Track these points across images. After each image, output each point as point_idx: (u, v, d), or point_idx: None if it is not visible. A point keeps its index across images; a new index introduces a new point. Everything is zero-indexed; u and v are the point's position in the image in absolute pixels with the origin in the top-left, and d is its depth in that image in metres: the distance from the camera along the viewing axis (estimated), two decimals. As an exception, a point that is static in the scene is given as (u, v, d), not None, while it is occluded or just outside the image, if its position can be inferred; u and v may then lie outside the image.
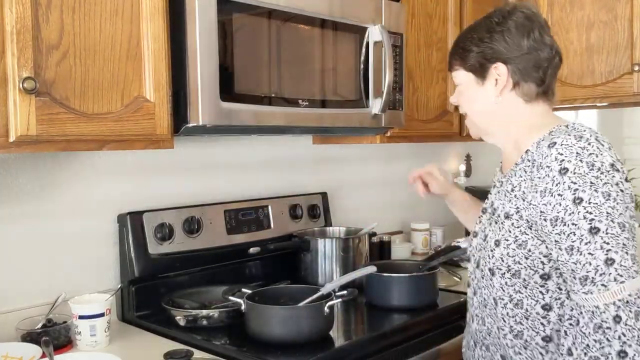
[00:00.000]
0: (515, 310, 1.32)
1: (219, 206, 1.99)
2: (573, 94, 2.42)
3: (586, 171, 1.19)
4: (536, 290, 1.29)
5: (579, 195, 1.18)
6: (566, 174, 1.19)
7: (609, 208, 1.17)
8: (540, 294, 1.29)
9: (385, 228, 2.65)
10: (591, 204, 1.17)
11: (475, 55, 1.37)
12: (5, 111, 1.25)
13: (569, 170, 1.19)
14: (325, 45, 1.80)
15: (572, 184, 1.19)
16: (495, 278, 1.34)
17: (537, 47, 1.33)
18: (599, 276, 1.16)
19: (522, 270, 1.29)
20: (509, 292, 1.32)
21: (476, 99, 1.40)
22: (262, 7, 1.61)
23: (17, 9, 1.24)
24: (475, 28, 1.39)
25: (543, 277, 1.28)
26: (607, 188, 1.18)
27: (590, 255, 1.17)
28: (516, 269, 1.30)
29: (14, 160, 1.64)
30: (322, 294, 1.62)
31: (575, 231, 1.18)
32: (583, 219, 1.17)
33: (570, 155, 1.20)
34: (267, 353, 1.49)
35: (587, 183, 1.18)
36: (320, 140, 2.39)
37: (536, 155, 1.27)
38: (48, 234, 1.70)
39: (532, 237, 1.27)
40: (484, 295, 1.39)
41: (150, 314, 1.78)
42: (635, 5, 2.28)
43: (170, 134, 1.52)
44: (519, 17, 1.34)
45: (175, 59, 1.51)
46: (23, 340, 1.52)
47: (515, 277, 1.30)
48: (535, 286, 1.29)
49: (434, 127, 2.35)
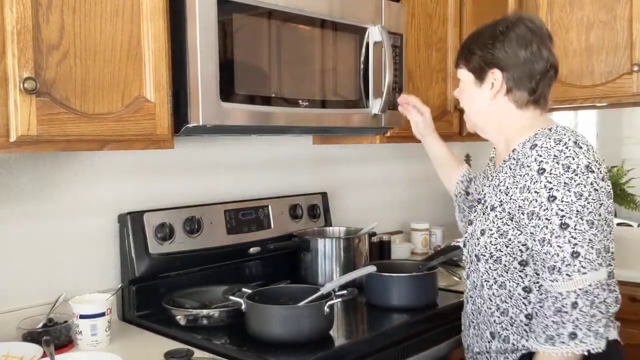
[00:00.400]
0: (500, 291, 1.46)
1: (219, 206, 1.99)
2: (572, 94, 2.43)
3: (561, 172, 1.32)
4: (516, 274, 1.43)
5: (553, 194, 1.31)
6: (543, 174, 1.33)
7: (579, 207, 1.30)
8: (520, 278, 1.43)
9: (385, 228, 2.66)
10: (563, 202, 1.31)
11: (477, 58, 1.48)
12: (6, 111, 1.26)
13: (546, 171, 1.33)
14: (325, 46, 1.81)
15: (547, 183, 1.32)
16: (480, 263, 1.49)
17: (534, 59, 1.43)
18: (565, 267, 1.30)
19: (503, 257, 1.43)
20: (493, 276, 1.47)
21: (474, 99, 1.53)
22: (262, 7, 1.62)
23: (17, 9, 1.24)
24: (482, 33, 1.50)
25: (521, 264, 1.42)
26: (580, 188, 1.31)
27: (559, 247, 1.30)
28: (497, 256, 1.44)
29: (15, 160, 1.64)
30: (322, 293, 1.62)
31: (548, 225, 1.32)
32: (555, 215, 1.31)
33: (548, 157, 1.33)
34: (267, 352, 1.49)
35: (561, 183, 1.31)
36: (320, 140, 2.39)
37: (520, 154, 1.41)
38: (49, 233, 1.71)
39: (513, 227, 1.41)
40: (473, 278, 1.54)
41: (150, 313, 1.78)
42: (635, 6, 2.28)
43: (171, 134, 1.52)
44: (522, 30, 1.44)
45: (175, 59, 1.51)
46: (24, 340, 1.53)
47: (497, 262, 1.44)
48: (515, 271, 1.43)
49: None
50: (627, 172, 3.52)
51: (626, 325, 1.55)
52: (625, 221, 3.51)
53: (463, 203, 1.84)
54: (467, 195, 1.83)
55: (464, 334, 1.62)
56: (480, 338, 1.53)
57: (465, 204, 1.83)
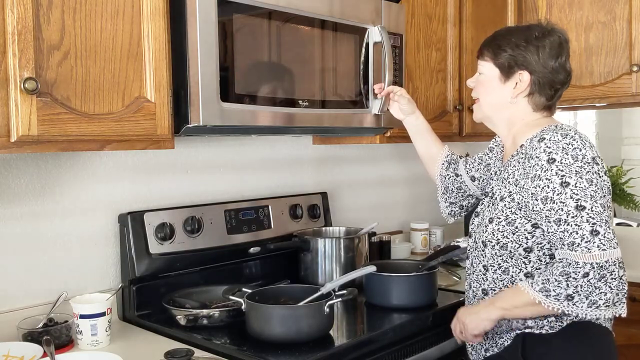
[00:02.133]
0: (502, 276, 1.55)
1: (219, 206, 1.99)
2: (572, 95, 2.43)
3: (571, 162, 1.39)
4: (520, 260, 1.51)
5: (566, 180, 1.38)
6: (553, 163, 1.40)
7: (592, 192, 1.37)
8: (523, 264, 1.51)
9: (385, 228, 2.66)
10: (577, 187, 1.37)
11: (508, 56, 1.54)
12: (7, 111, 1.26)
13: (556, 161, 1.40)
14: (325, 46, 1.81)
15: (559, 171, 1.39)
16: (487, 249, 1.56)
17: (559, 70, 1.53)
18: (585, 242, 1.36)
19: (509, 243, 1.51)
20: (498, 261, 1.55)
21: (494, 93, 1.59)
22: (262, 7, 1.62)
23: (18, 10, 1.24)
24: (515, 33, 1.56)
25: (526, 250, 1.50)
26: (590, 176, 1.38)
27: (577, 226, 1.37)
28: (504, 242, 1.52)
29: (16, 160, 1.65)
30: (322, 293, 1.63)
31: (563, 207, 1.38)
32: (570, 198, 1.37)
33: (557, 149, 1.41)
34: (267, 352, 1.49)
35: (572, 171, 1.38)
36: (320, 140, 2.39)
37: (528, 149, 1.48)
38: (49, 233, 1.71)
39: (521, 216, 1.48)
40: (474, 264, 1.63)
41: (151, 313, 1.78)
42: (634, 6, 2.29)
43: (171, 134, 1.53)
44: (555, 40, 1.53)
45: (175, 60, 1.51)
46: (24, 340, 1.53)
47: (503, 249, 1.52)
48: (519, 257, 1.51)
49: (433, 127, 2.33)
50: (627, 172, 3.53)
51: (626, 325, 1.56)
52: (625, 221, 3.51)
53: (452, 184, 1.90)
54: (456, 177, 1.89)
55: None
56: None
57: (455, 185, 1.90)
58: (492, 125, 1.65)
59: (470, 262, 1.67)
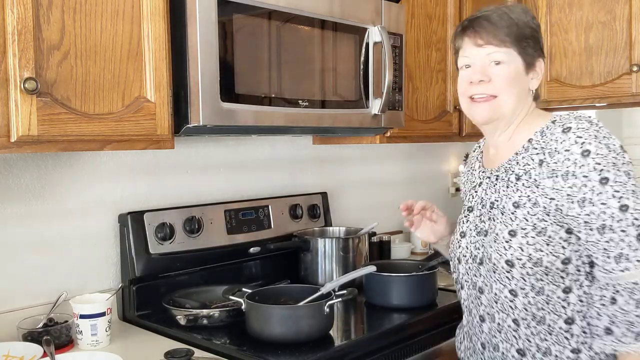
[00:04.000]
0: (536, 298, 1.31)
1: (219, 206, 1.99)
2: (572, 95, 2.43)
3: (606, 152, 1.22)
4: (557, 275, 1.29)
5: (605, 175, 1.21)
6: (589, 155, 1.22)
7: (631, 185, 1.21)
8: (560, 279, 1.30)
9: (385, 228, 2.66)
10: (617, 182, 1.20)
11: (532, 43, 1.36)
12: (7, 111, 1.26)
13: (592, 152, 1.22)
14: (325, 46, 1.81)
15: (596, 165, 1.21)
16: (514, 269, 1.31)
17: None
18: (633, 252, 1.20)
19: (544, 257, 1.28)
20: (531, 281, 1.30)
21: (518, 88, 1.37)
22: (262, 7, 1.62)
23: (18, 10, 1.24)
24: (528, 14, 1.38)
25: (564, 262, 1.29)
26: (626, 167, 1.22)
27: (623, 232, 1.20)
28: (538, 257, 1.28)
29: (16, 160, 1.65)
30: (322, 293, 1.63)
31: (606, 210, 1.21)
32: (612, 197, 1.20)
33: (589, 137, 1.23)
34: (267, 352, 1.49)
35: (610, 163, 1.21)
36: (320, 140, 2.39)
37: (544, 142, 1.30)
38: (49, 233, 1.71)
39: (551, 222, 1.27)
40: (495, 291, 1.36)
41: (151, 313, 1.78)
42: (634, 6, 2.28)
43: (171, 134, 1.53)
44: None
45: (175, 60, 1.51)
46: (24, 340, 1.53)
47: (537, 265, 1.29)
48: (556, 272, 1.29)
49: (433, 127, 2.36)
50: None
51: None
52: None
53: None
54: None
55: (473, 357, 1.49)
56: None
57: None
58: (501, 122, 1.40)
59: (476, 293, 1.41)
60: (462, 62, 1.41)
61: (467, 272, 1.44)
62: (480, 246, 1.40)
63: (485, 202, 1.41)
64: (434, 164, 3.04)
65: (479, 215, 1.42)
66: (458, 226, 1.50)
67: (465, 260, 1.44)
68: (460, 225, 1.48)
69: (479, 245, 1.40)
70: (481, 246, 1.39)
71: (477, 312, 1.43)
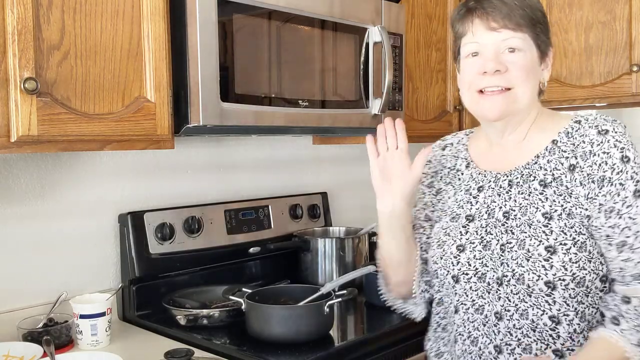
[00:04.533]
0: (582, 325, 1.16)
1: (219, 206, 1.99)
2: (572, 95, 2.43)
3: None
4: (596, 296, 1.16)
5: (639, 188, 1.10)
6: (628, 162, 1.11)
7: None
8: (599, 299, 1.16)
9: (384, 228, 2.65)
10: None
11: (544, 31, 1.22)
12: (7, 111, 1.26)
13: (631, 160, 1.12)
14: (325, 46, 1.81)
15: (634, 174, 1.11)
16: (557, 292, 1.13)
17: None
18: None
19: (587, 275, 1.13)
20: (573, 305, 1.15)
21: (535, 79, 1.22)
22: (262, 7, 1.62)
23: (18, 10, 1.24)
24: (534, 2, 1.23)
25: (602, 280, 1.16)
26: None
27: None
28: (581, 276, 1.13)
29: (16, 160, 1.65)
30: (322, 293, 1.63)
31: (632, 226, 1.11)
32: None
33: (627, 143, 1.13)
34: (267, 352, 1.49)
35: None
36: (320, 140, 2.39)
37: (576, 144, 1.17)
38: (49, 233, 1.71)
39: (588, 237, 1.14)
40: (532, 317, 1.17)
41: (151, 313, 1.78)
42: (634, 6, 2.28)
43: (171, 134, 1.53)
44: None
45: (175, 60, 1.51)
46: (24, 340, 1.53)
47: (579, 285, 1.13)
48: (596, 292, 1.16)
49: (433, 127, 2.36)
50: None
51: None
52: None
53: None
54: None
55: None
56: None
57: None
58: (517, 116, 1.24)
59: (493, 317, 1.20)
60: (470, 49, 1.22)
61: (467, 293, 1.24)
62: (496, 264, 1.20)
63: (492, 211, 1.24)
64: (434, 164, 3.04)
65: (485, 227, 1.23)
66: (445, 237, 1.28)
67: (467, 280, 1.23)
68: (452, 237, 1.26)
69: (490, 262, 1.21)
70: (498, 264, 1.19)
71: (489, 342, 1.22)
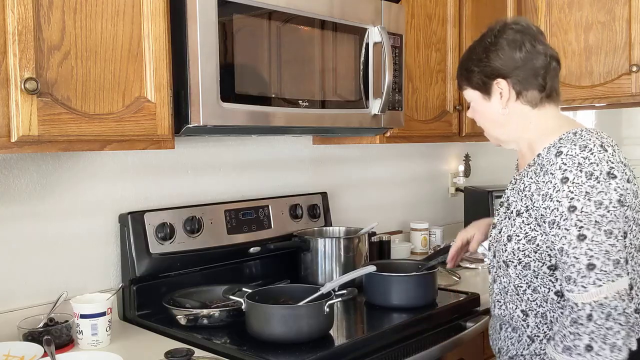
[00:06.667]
0: (534, 295, 1.44)
1: (219, 206, 2.00)
2: (571, 95, 2.43)
3: (583, 181, 1.30)
4: (546, 279, 1.41)
5: (574, 204, 1.30)
6: (566, 183, 1.31)
7: (597, 216, 1.28)
8: (550, 283, 1.41)
9: (384, 228, 2.66)
10: (582, 212, 1.29)
11: (477, 74, 1.49)
12: (7, 111, 1.26)
13: (569, 180, 1.31)
14: (325, 46, 1.81)
15: (569, 192, 1.31)
16: (510, 269, 1.47)
17: (531, 57, 1.44)
18: (580, 278, 1.28)
19: (532, 262, 1.42)
20: (526, 281, 1.44)
21: (486, 113, 1.53)
22: (262, 8, 1.62)
23: (18, 10, 1.25)
24: (473, 49, 1.52)
25: (550, 268, 1.40)
26: (601, 197, 1.29)
27: (575, 259, 1.29)
28: (526, 262, 1.42)
29: (16, 160, 1.65)
30: (322, 293, 1.63)
31: (567, 235, 1.31)
32: (574, 225, 1.30)
33: (572, 165, 1.32)
34: (267, 352, 1.49)
35: (582, 193, 1.30)
36: (320, 140, 2.39)
37: (545, 160, 1.39)
38: (50, 233, 1.71)
39: (541, 233, 1.39)
40: (504, 284, 1.50)
41: (151, 313, 1.78)
42: (633, 7, 2.29)
43: (171, 134, 1.53)
44: (509, 34, 1.45)
45: (176, 60, 1.52)
46: (25, 340, 1.53)
47: (526, 269, 1.43)
48: (544, 276, 1.41)
49: (433, 127, 2.36)
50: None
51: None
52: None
53: None
54: None
55: (493, 338, 1.59)
56: (517, 341, 1.49)
57: None
58: (507, 143, 1.57)
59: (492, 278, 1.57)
60: None
61: (490, 261, 1.58)
62: (496, 241, 1.53)
63: (507, 202, 1.51)
64: (434, 164, 3.05)
65: (505, 212, 1.52)
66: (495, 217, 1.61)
67: (491, 251, 1.58)
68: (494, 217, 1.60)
69: (496, 240, 1.52)
70: (496, 241, 1.53)
71: (492, 299, 1.58)
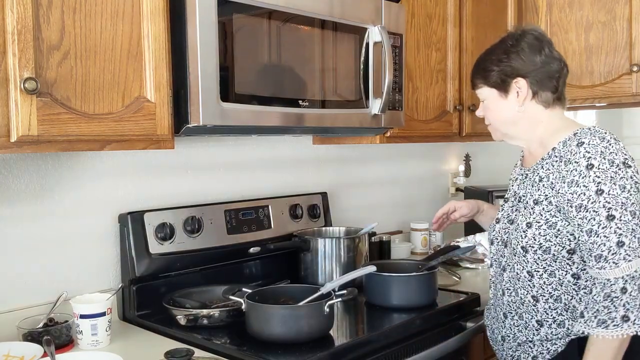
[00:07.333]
0: (550, 279, 1.54)
1: (219, 206, 1.99)
2: (572, 95, 2.43)
3: (607, 167, 1.43)
4: (564, 262, 1.52)
5: (601, 188, 1.42)
6: (592, 169, 1.43)
7: (623, 199, 1.41)
8: (568, 266, 1.52)
9: (384, 228, 2.66)
10: (610, 195, 1.41)
11: (496, 73, 1.60)
12: (7, 111, 1.26)
13: (594, 166, 1.43)
14: (325, 46, 1.81)
15: (596, 177, 1.42)
16: (528, 254, 1.56)
17: (549, 61, 1.57)
18: (611, 255, 1.40)
19: (552, 247, 1.52)
20: (543, 265, 1.54)
21: (501, 111, 1.64)
22: (262, 7, 1.62)
23: (18, 10, 1.24)
24: (492, 51, 1.63)
25: (569, 252, 1.51)
26: (623, 182, 1.42)
27: (606, 237, 1.40)
28: (547, 246, 1.52)
29: (16, 160, 1.65)
30: (322, 293, 1.63)
31: (595, 217, 1.42)
32: (602, 207, 1.41)
33: (595, 153, 1.44)
34: (267, 352, 1.49)
35: (608, 177, 1.42)
36: (320, 140, 2.39)
37: (563, 152, 1.51)
38: (49, 233, 1.71)
39: (561, 219, 1.50)
40: (517, 270, 1.60)
41: (151, 313, 1.78)
42: (634, 6, 2.29)
43: (171, 134, 1.53)
44: (530, 39, 1.58)
45: (175, 60, 1.51)
46: (24, 340, 1.53)
47: (546, 253, 1.53)
48: (563, 259, 1.52)
49: (433, 127, 2.36)
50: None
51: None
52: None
53: None
54: None
55: (495, 327, 1.69)
56: (525, 327, 1.59)
57: None
58: (514, 139, 1.67)
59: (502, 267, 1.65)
60: None
61: (497, 252, 1.69)
62: (507, 232, 1.63)
63: (517, 196, 1.65)
64: (434, 164, 3.05)
65: (512, 206, 1.66)
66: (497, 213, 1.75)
67: (497, 243, 1.69)
68: (498, 212, 1.73)
69: (507, 231, 1.64)
70: (508, 232, 1.63)
71: (500, 287, 1.67)
